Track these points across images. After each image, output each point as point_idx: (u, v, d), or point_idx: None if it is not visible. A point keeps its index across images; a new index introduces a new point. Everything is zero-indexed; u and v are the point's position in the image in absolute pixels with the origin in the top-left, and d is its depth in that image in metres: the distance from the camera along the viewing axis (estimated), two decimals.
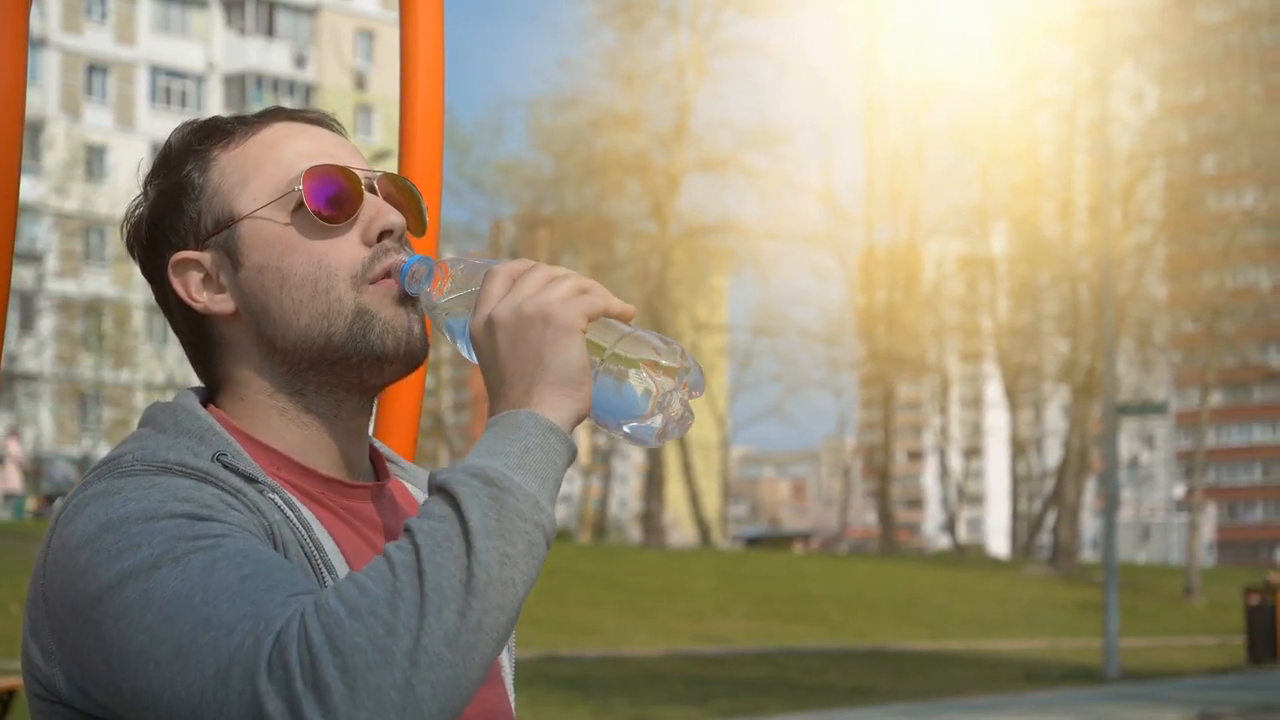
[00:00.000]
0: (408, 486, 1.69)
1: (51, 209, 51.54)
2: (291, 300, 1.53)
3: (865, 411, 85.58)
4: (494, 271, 1.48)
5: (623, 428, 1.45)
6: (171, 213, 1.57)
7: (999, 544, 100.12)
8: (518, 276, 1.47)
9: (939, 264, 57.97)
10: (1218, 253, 45.39)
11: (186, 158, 1.58)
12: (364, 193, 1.56)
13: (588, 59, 71.28)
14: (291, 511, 1.48)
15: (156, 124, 61.78)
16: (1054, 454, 70.63)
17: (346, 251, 1.54)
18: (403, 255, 1.56)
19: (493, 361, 1.45)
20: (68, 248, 54.29)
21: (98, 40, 62.39)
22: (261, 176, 1.56)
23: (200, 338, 1.59)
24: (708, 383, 1.53)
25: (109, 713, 1.40)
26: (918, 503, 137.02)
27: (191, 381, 1.80)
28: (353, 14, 68.55)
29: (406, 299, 1.55)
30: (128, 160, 58.90)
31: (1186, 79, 48.28)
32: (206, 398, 1.60)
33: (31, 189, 48.20)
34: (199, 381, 1.62)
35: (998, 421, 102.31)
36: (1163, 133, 47.60)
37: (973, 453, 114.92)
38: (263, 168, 1.56)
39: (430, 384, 54.29)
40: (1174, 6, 45.57)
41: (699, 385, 1.45)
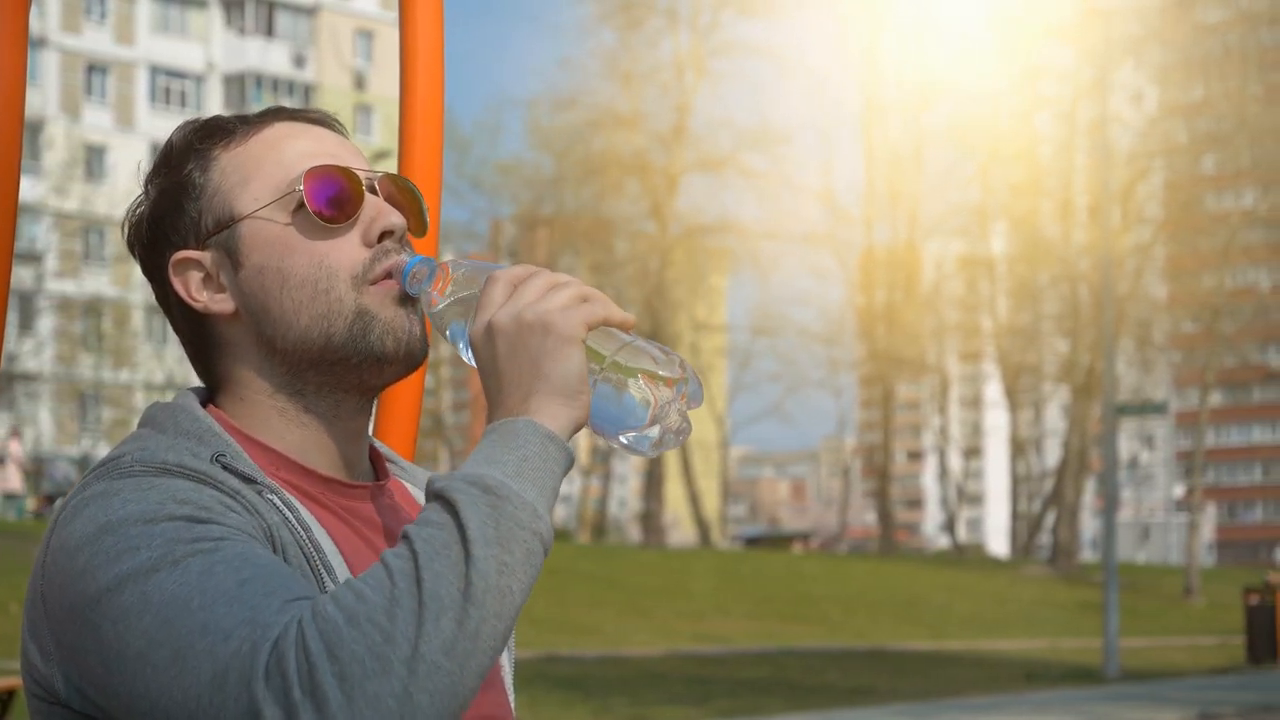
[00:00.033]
0: (407, 486, 1.69)
1: (51, 209, 51.53)
2: (292, 301, 1.53)
3: (865, 411, 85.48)
4: (495, 277, 1.48)
5: (620, 437, 1.45)
6: (172, 212, 1.57)
7: (999, 544, 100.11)
8: (519, 283, 1.46)
9: (938, 264, 57.93)
10: (1217, 253, 45.39)
11: (188, 157, 1.58)
12: (365, 193, 1.56)
13: (587, 59, 71.33)
14: (290, 512, 1.48)
15: (156, 124, 61.77)
16: (1054, 454, 70.62)
17: (347, 252, 1.54)
18: (404, 256, 1.56)
19: (492, 368, 1.45)
20: (67, 248, 54.28)
21: (97, 40, 62.38)
22: (262, 176, 1.56)
23: (200, 337, 1.59)
24: (705, 393, 1.53)
25: (106, 714, 1.40)
26: (917, 503, 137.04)
27: (191, 381, 1.80)
28: (352, 14, 68.54)
29: (407, 300, 1.55)
30: (127, 160, 58.88)
31: (1186, 79, 48.23)
32: (206, 398, 1.60)
33: (31, 189, 48.18)
34: (199, 381, 1.62)
35: (997, 421, 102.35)
36: (1162, 133, 47.59)
37: (972, 453, 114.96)
38: (263, 167, 1.56)
39: (430, 384, 54.24)
40: (1174, 6, 45.57)
41: (697, 397, 1.45)
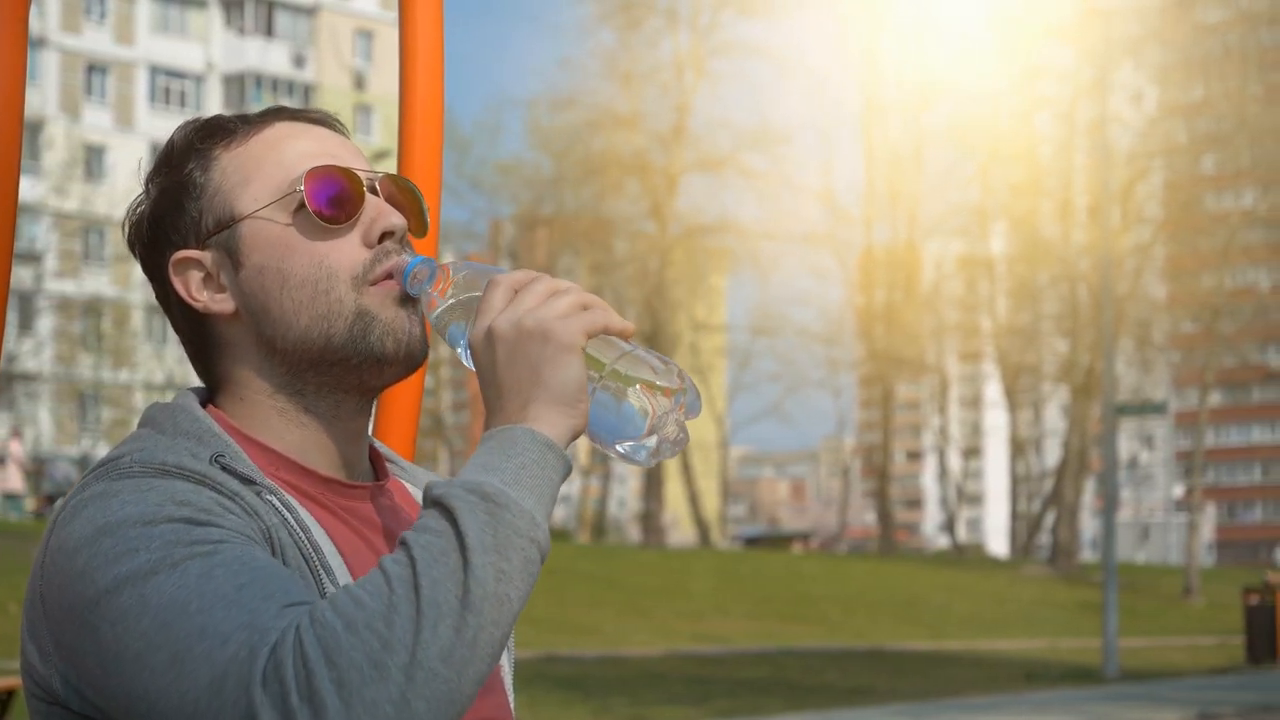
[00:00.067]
0: (407, 486, 1.69)
1: (50, 209, 51.52)
2: (292, 301, 1.53)
3: (864, 411, 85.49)
4: (496, 281, 1.47)
5: (617, 446, 1.45)
6: (173, 211, 1.57)
7: (998, 544, 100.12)
8: (519, 288, 1.46)
9: (938, 264, 57.94)
10: (1217, 253, 45.39)
11: (188, 156, 1.57)
12: (365, 194, 1.56)
13: (587, 59, 71.36)
14: (289, 513, 1.48)
15: (155, 124, 61.76)
16: (1053, 454, 70.65)
17: (347, 253, 1.54)
18: (405, 257, 1.56)
19: (491, 374, 1.45)
20: (67, 248, 54.28)
21: (97, 40, 62.37)
22: (263, 176, 1.55)
23: (200, 337, 1.58)
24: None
25: (105, 715, 1.40)
26: (917, 503, 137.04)
27: (190, 381, 1.80)
28: (352, 14, 68.53)
29: (407, 301, 1.55)
30: (127, 160, 58.87)
31: (1186, 79, 48.23)
32: (206, 398, 1.59)
33: (30, 189, 48.16)
34: (198, 381, 1.62)
35: (997, 421, 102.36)
36: (1162, 133, 47.60)
37: (972, 453, 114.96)
38: (264, 167, 1.56)
39: (429, 384, 54.25)
40: (1174, 6, 45.56)
41: (695, 408, 1.45)
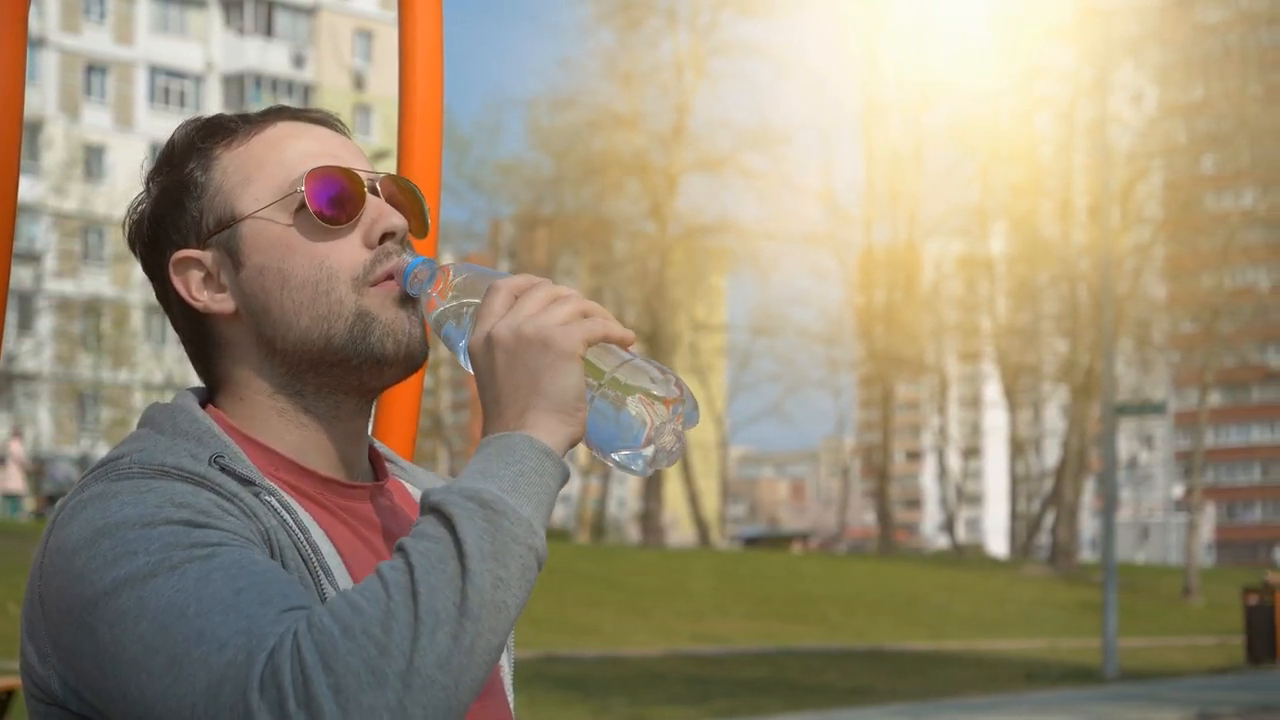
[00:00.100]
0: (407, 487, 1.68)
1: (50, 209, 51.52)
2: (292, 301, 1.53)
3: (864, 411, 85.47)
4: (496, 286, 1.47)
5: (614, 455, 1.45)
6: (173, 210, 1.57)
7: (998, 544, 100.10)
8: (520, 293, 1.46)
9: (938, 264, 57.93)
10: (1216, 253, 45.39)
11: (189, 155, 1.57)
12: (366, 194, 1.56)
13: (586, 59, 71.34)
14: (289, 514, 1.48)
15: (155, 124, 61.75)
16: (1053, 454, 70.62)
17: (348, 253, 1.53)
18: (405, 257, 1.55)
19: (490, 379, 1.45)
20: (66, 248, 54.27)
21: (96, 40, 62.36)
22: (264, 176, 1.55)
23: (200, 337, 1.58)
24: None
25: (103, 716, 1.40)
26: (916, 503, 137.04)
27: (190, 381, 1.79)
28: (351, 14, 68.53)
29: (407, 302, 1.55)
30: (126, 160, 58.87)
31: (1186, 79, 48.23)
32: (205, 398, 1.59)
33: (30, 189, 48.16)
34: (198, 381, 1.62)
35: (996, 421, 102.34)
36: (1162, 133, 47.59)
37: (971, 453, 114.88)
38: (265, 167, 1.55)
39: (429, 384, 54.24)
40: (1174, 6, 45.56)
41: (692, 419, 1.45)
